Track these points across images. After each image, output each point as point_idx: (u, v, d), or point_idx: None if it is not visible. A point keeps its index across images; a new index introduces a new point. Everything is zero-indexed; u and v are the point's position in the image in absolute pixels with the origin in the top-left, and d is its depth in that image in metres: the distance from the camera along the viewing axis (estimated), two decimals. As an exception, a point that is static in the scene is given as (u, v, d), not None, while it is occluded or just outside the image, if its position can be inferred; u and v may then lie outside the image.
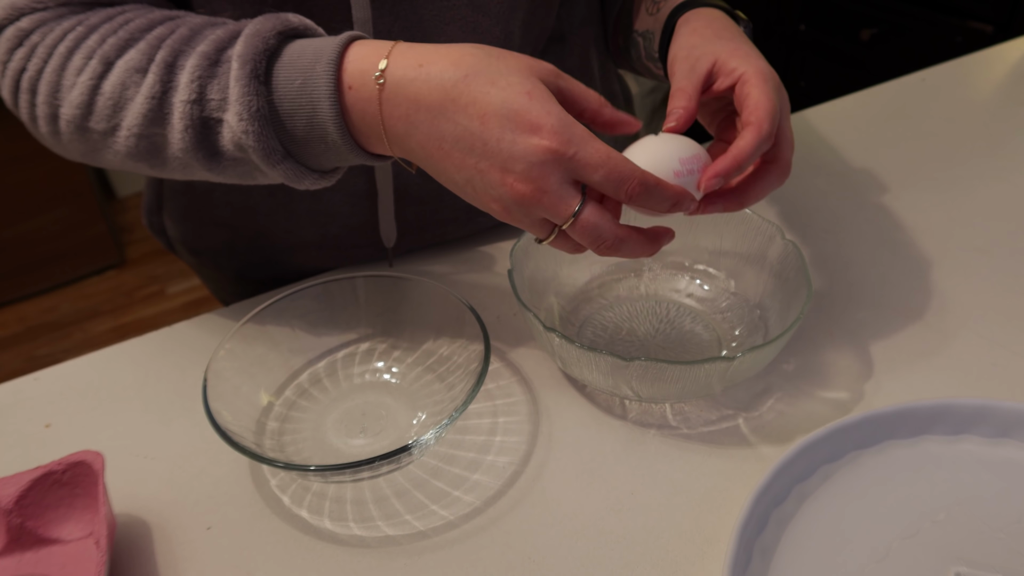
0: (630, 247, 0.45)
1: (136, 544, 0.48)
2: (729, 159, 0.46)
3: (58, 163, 1.92)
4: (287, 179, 0.47)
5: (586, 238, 0.44)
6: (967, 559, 0.43)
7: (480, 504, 0.48)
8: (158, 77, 0.45)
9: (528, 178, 0.41)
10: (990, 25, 1.43)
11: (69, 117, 0.48)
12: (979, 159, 0.77)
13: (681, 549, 0.45)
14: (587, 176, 0.42)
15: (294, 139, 0.46)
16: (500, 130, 0.41)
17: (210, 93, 0.45)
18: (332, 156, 0.47)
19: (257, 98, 0.44)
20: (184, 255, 0.77)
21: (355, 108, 0.44)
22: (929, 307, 0.60)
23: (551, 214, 0.43)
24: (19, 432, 0.55)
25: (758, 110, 0.47)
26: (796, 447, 0.47)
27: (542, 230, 0.44)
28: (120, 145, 0.48)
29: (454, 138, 0.42)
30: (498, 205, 0.43)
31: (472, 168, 0.42)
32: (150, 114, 0.46)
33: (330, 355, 0.58)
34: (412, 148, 0.44)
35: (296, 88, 0.44)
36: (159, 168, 0.49)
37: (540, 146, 0.41)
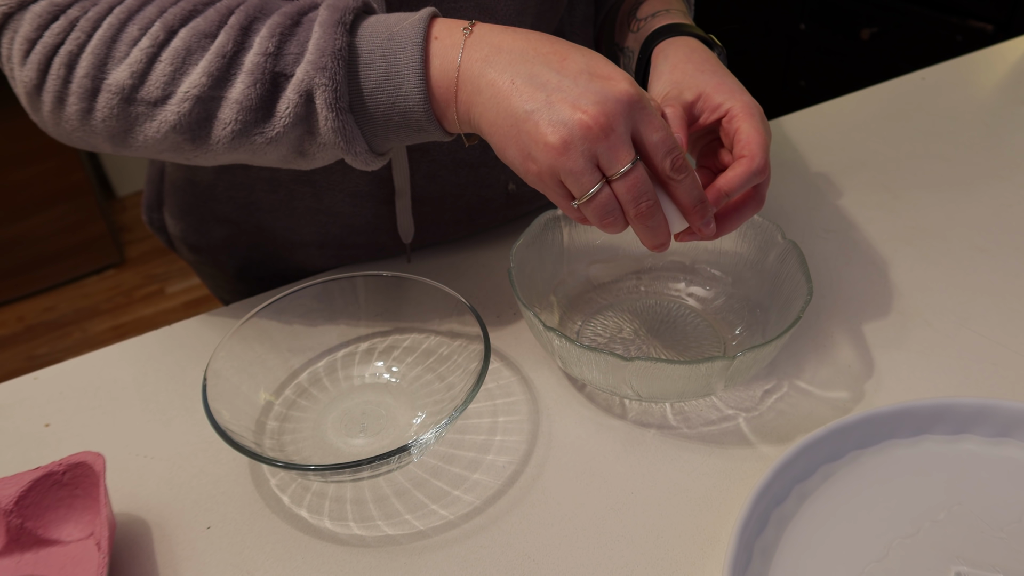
0: (656, 222, 0.45)
1: (136, 543, 0.47)
2: (716, 190, 0.48)
3: (58, 162, 1.91)
4: (341, 138, 0.46)
5: (632, 192, 0.44)
6: (967, 559, 0.43)
7: (480, 503, 0.48)
8: (230, 37, 0.45)
9: (602, 112, 0.42)
10: (990, 24, 1.43)
11: (116, 88, 0.45)
12: (979, 158, 0.77)
13: (681, 549, 0.45)
14: (648, 133, 0.43)
15: (364, 90, 0.46)
16: (577, 74, 0.43)
17: (288, 47, 0.45)
18: (394, 117, 0.46)
19: (342, 39, 0.44)
20: (184, 252, 0.77)
21: (436, 55, 0.45)
22: (929, 306, 0.60)
23: (612, 154, 0.42)
24: (18, 431, 0.55)
25: (751, 144, 0.48)
26: (796, 447, 0.47)
27: (588, 179, 0.43)
28: (169, 114, 0.46)
29: (528, 75, 0.43)
30: (560, 134, 0.42)
31: (542, 101, 0.42)
32: (216, 72, 0.45)
33: (330, 354, 0.58)
34: (481, 88, 0.44)
35: (383, 39, 0.45)
36: (199, 143, 0.48)
37: (616, 88, 0.42)
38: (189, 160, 0.50)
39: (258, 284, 0.75)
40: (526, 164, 0.44)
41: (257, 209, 0.67)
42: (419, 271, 0.66)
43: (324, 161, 0.50)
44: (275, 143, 0.47)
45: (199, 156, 0.49)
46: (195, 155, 0.49)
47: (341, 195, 0.64)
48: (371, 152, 0.48)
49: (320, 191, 0.64)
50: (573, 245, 0.61)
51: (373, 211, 0.65)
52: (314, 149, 0.48)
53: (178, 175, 0.70)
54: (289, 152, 0.48)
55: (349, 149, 0.47)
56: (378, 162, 0.49)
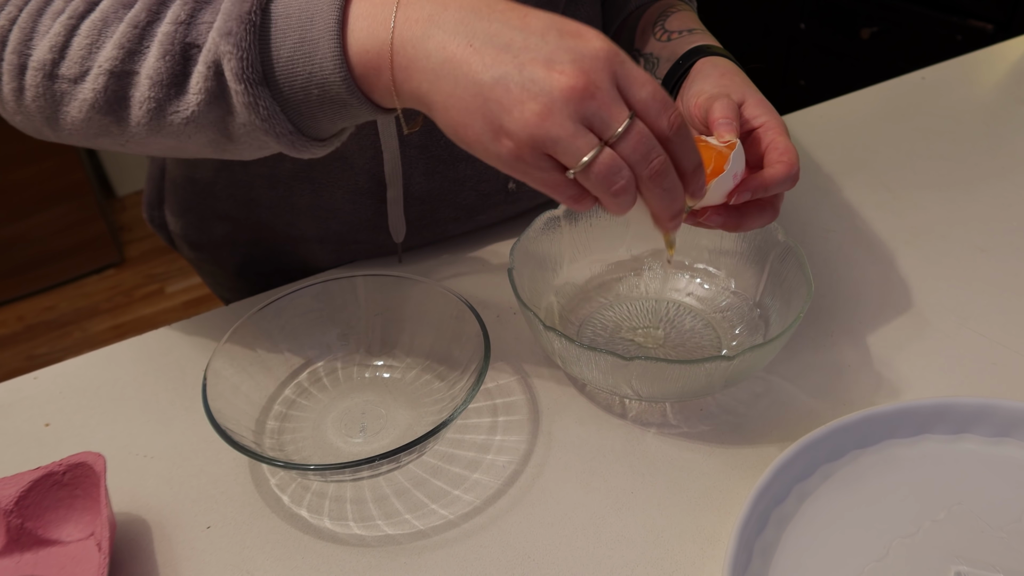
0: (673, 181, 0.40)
1: (135, 543, 0.47)
2: (759, 181, 0.48)
3: (57, 161, 1.91)
4: (257, 117, 0.41)
5: (639, 151, 0.38)
6: (967, 558, 0.43)
7: (480, 503, 0.48)
8: (145, 6, 0.41)
9: (580, 70, 0.36)
10: (990, 23, 1.43)
11: (39, 63, 0.42)
12: (979, 158, 0.77)
13: (681, 548, 0.45)
14: (635, 89, 0.38)
15: (277, 62, 0.40)
16: (544, 30, 0.37)
17: (202, 16, 0.40)
18: (313, 90, 0.40)
19: (252, 2, 0.39)
20: (184, 250, 0.77)
21: (361, 16, 0.39)
22: (929, 306, 0.60)
23: (604, 113, 0.37)
24: (18, 431, 0.55)
25: (788, 153, 0.49)
26: (796, 446, 0.47)
27: (583, 143, 0.37)
28: (87, 92, 0.42)
29: (487, 35, 0.37)
30: (539, 103, 0.36)
31: (509, 63, 0.36)
32: (128, 44, 0.41)
33: (330, 354, 0.58)
34: (428, 51, 0.38)
35: (301, 1, 0.40)
36: (122, 124, 0.44)
37: (591, 44, 0.37)
38: (124, 148, 0.46)
39: (258, 281, 0.75)
40: (498, 141, 0.38)
41: (257, 206, 0.67)
42: (418, 270, 0.66)
43: (255, 148, 0.44)
44: (195, 124, 0.42)
45: (129, 141, 0.45)
46: (124, 139, 0.45)
47: (340, 192, 0.64)
48: (301, 135, 0.42)
49: (319, 188, 0.64)
50: (573, 244, 0.61)
51: (372, 209, 0.65)
52: (237, 131, 0.42)
53: (178, 172, 0.70)
54: (216, 135, 0.43)
55: (270, 129, 0.41)
56: (318, 148, 0.44)
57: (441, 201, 0.66)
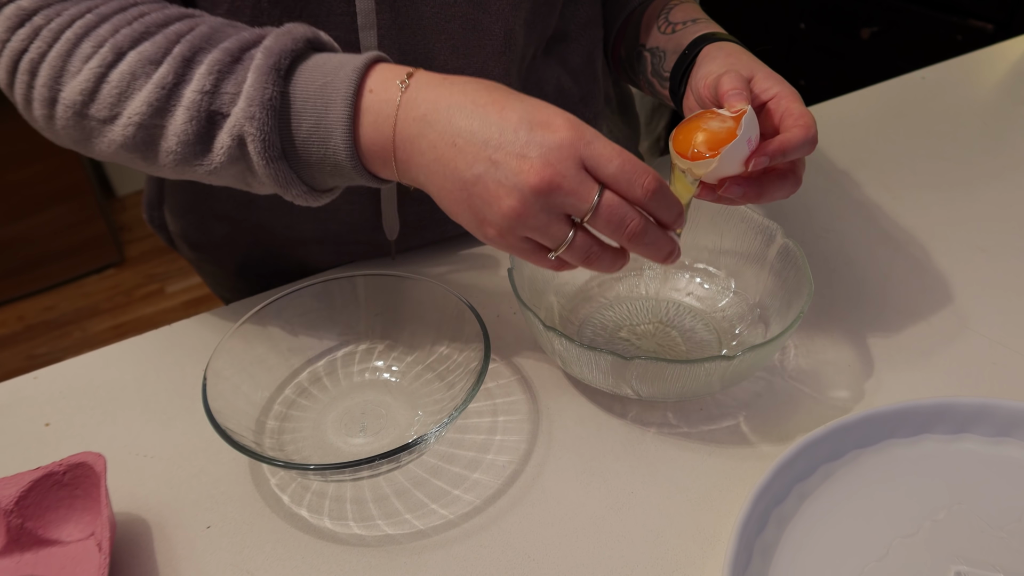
0: (656, 236, 0.44)
1: (135, 543, 0.47)
2: (778, 145, 0.47)
3: (57, 161, 1.91)
4: (276, 183, 0.46)
5: (612, 223, 0.42)
6: (967, 558, 0.43)
7: (480, 503, 0.48)
8: (172, 68, 0.45)
9: (547, 162, 0.41)
10: (990, 23, 1.43)
11: (69, 102, 0.47)
12: (980, 157, 0.77)
13: (681, 548, 0.45)
14: (602, 166, 0.41)
15: (295, 139, 0.45)
16: (518, 123, 0.42)
17: (225, 87, 0.45)
18: (327, 167, 0.46)
19: (273, 88, 0.44)
20: (184, 250, 0.77)
21: (370, 110, 0.44)
22: (929, 306, 0.60)
23: (573, 199, 0.41)
24: (18, 431, 0.55)
25: (804, 117, 0.49)
26: (796, 446, 0.47)
27: (558, 230, 0.42)
28: (116, 135, 0.47)
29: (470, 133, 0.42)
30: (514, 199, 0.41)
31: (486, 160, 0.41)
32: (156, 103, 0.46)
33: (330, 354, 0.58)
34: (422, 149, 0.43)
35: (316, 88, 0.45)
36: (150, 162, 0.49)
37: (556, 135, 0.41)
38: (150, 172, 0.51)
39: (258, 281, 0.75)
40: (483, 228, 0.43)
41: (257, 206, 0.67)
42: (418, 270, 0.66)
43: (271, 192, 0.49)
44: (217, 174, 0.48)
45: (156, 172, 0.50)
46: (152, 170, 0.50)
47: (341, 192, 0.64)
48: (313, 192, 0.48)
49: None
50: (573, 244, 0.61)
51: (371, 209, 0.65)
52: (256, 184, 0.48)
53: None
54: (235, 181, 0.49)
55: (286, 192, 0.47)
56: (324, 198, 0.49)
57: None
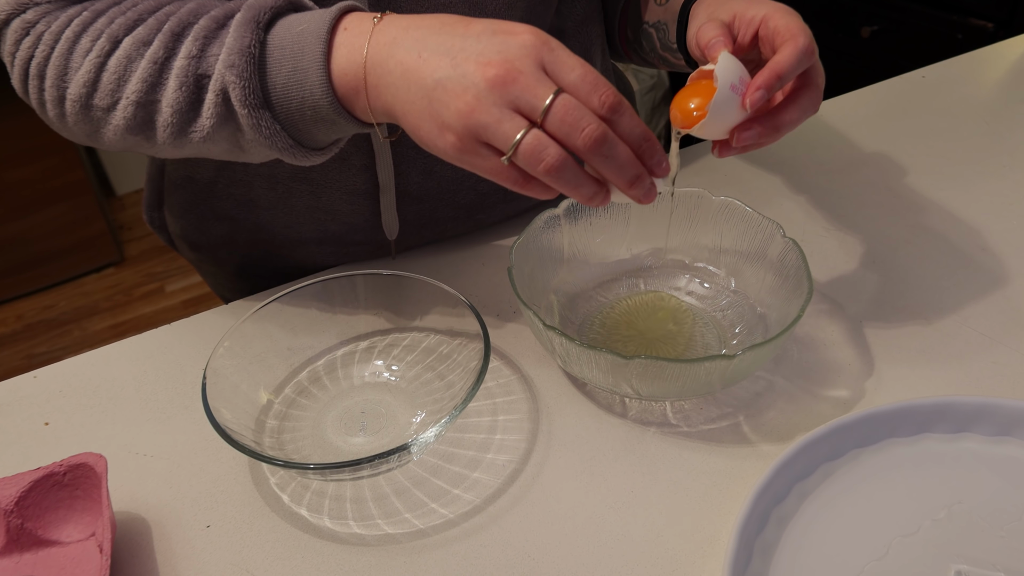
0: (616, 152, 0.42)
1: (135, 542, 0.47)
2: (768, 71, 0.46)
3: (57, 160, 1.91)
4: (260, 135, 0.46)
5: (567, 123, 0.40)
6: (968, 557, 0.43)
7: (480, 502, 0.48)
8: (162, 43, 0.47)
9: (504, 59, 0.40)
10: (991, 22, 1.43)
11: (75, 96, 0.49)
12: (980, 156, 0.77)
13: (681, 547, 0.45)
14: (563, 72, 0.41)
15: (275, 87, 0.46)
16: (480, 33, 0.42)
17: (211, 50, 0.46)
18: (307, 111, 0.46)
19: (251, 36, 0.45)
20: (184, 251, 0.77)
21: (343, 45, 0.45)
22: (930, 305, 0.60)
23: (527, 94, 0.40)
24: (18, 430, 0.55)
25: (790, 28, 0.47)
26: (796, 445, 0.47)
27: (510, 126, 0.40)
28: (119, 119, 0.49)
29: (435, 45, 0.42)
30: (469, 95, 0.40)
31: (448, 66, 0.41)
32: (150, 79, 0.47)
33: (329, 353, 0.58)
34: (390, 68, 0.43)
35: (293, 35, 0.45)
36: (152, 142, 0.50)
37: (519, 37, 0.41)
38: (157, 154, 0.53)
39: (258, 282, 0.75)
40: (443, 136, 0.42)
41: (256, 206, 0.67)
42: (418, 269, 0.66)
43: (264, 157, 0.50)
44: (211, 140, 0.49)
45: (160, 152, 0.52)
46: (156, 151, 0.52)
47: (338, 193, 0.64)
48: (301, 147, 0.48)
49: (318, 189, 0.64)
50: (573, 243, 0.61)
51: (370, 209, 0.65)
52: (247, 145, 0.49)
53: (178, 174, 0.70)
54: (230, 147, 0.50)
55: (273, 144, 0.47)
56: (316, 156, 0.49)
57: (439, 200, 0.66)
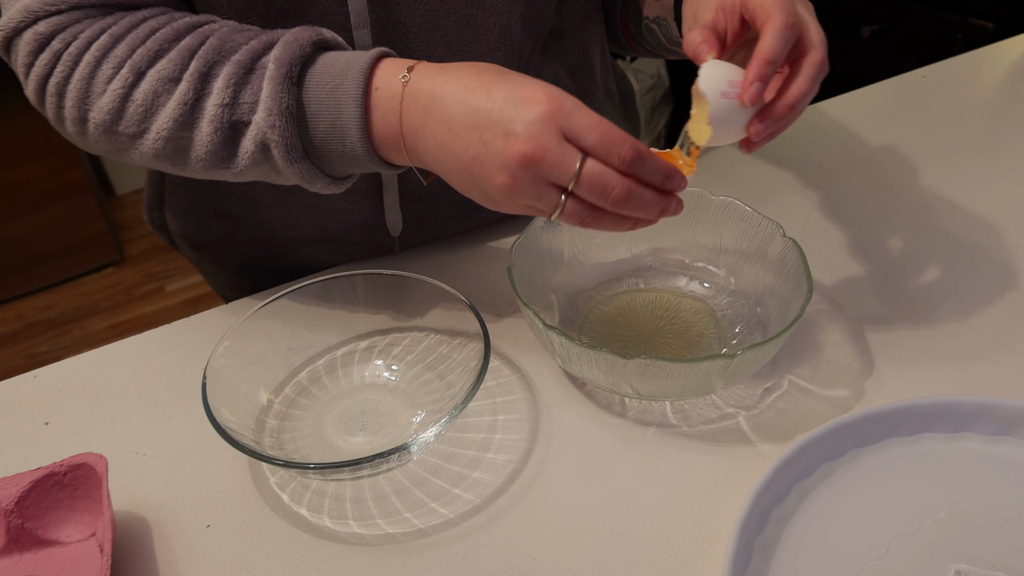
0: (643, 200, 0.45)
1: (135, 542, 0.47)
2: (755, 62, 0.46)
3: (57, 160, 1.91)
4: (301, 179, 0.50)
5: (595, 191, 0.44)
6: (967, 556, 0.43)
7: (480, 502, 0.48)
8: (191, 85, 0.48)
9: (529, 137, 0.43)
10: (991, 22, 1.43)
11: (99, 121, 0.50)
12: (980, 156, 0.77)
13: (681, 547, 0.45)
14: (582, 137, 0.43)
15: (314, 140, 0.49)
16: (503, 101, 0.44)
17: (243, 97, 0.48)
18: (347, 160, 0.49)
19: (288, 96, 0.47)
20: (185, 250, 0.77)
21: (378, 107, 0.47)
22: (929, 304, 0.60)
23: (556, 170, 0.43)
24: (18, 430, 0.55)
25: (765, 7, 0.47)
26: (796, 445, 0.47)
27: (550, 198, 0.45)
28: (147, 147, 0.50)
29: (462, 118, 0.45)
30: (505, 176, 0.44)
31: (478, 142, 0.44)
32: (181, 119, 0.49)
33: (329, 353, 0.58)
34: (425, 137, 0.46)
35: (327, 91, 0.48)
36: (182, 167, 0.52)
37: (538, 108, 0.43)
38: (183, 175, 0.54)
39: (259, 281, 0.75)
40: (493, 203, 0.47)
41: (257, 204, 0.67)
42: (418, 269, 0.66)
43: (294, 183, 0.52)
44: (243, 175, 0.51)
45: (189, 174, 0.53)
46: (184, 173, 0.53)
47: (340, 192, 0.64)
48: (335, 181, 0.52)
49: (319, 189, 0.64)
50: (573, 244, 0.61)
51: (370, 208, 0.65)
52: (281, 179, 0.51)
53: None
54: (261, 176, 0.52)
55: (311, 185, 0.50)
56: (347, 184, 0.53)
57: (440, 199, 0.66)
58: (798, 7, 0.49)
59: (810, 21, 0.49)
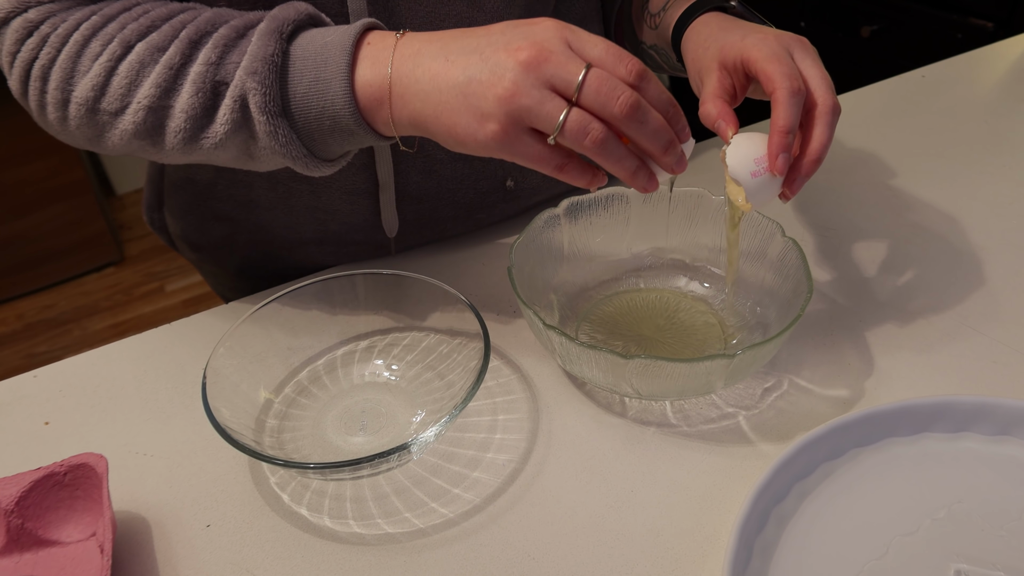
0: (650, 119, 0.43)
1: (135, 542, 0.47)
2: (775, 135, 0.47)
3: (57, 160, 1.91)
4: (275, 142, 0.47)
5: (602, 95, 0.42)
6: (967, 556, 0.43)
7: (480, 502, 0.48)
8: (179, 50, 0.47)
9: (533, 43, 0.42)
10: (990, 22, 1.43)
11: (81, 100, 0.48)
12: (979, 156, 0.77)
13: (681, 547, 0.45)
14: (588, 49, 0.43)
15: (295, 96, 0.47)
16: (504, 27, 0.44)
17: (230, 57, 0.47)
18: (325, 120, 0.47)
19: (275, 46, 0.46)
20: (185, 251, 0.77)
21: (367, 57, 0.46)
22: (929, 304, 0.60)
23: (561, 71, 0.42)
24: (18, 430, 0.55)
25: (768, 76, 0.48)
26: (796, 445, 0.47)
27: (553, 106, 0.42)
28: (127, 123, 0.48)
29: (460, 47, 0.44)
30: (506, 82, 0.42)
31: (477, 62, 0.43)
32: (164, 84, 0.47)
33: (329, 352, 0.58)
34: (416, 78, 0.45)
35: (317, 47, 0.46)
36: (159, 147, 0.50)
37: (540, 25, 0.43)
38: (160, 160, 0.52)
39: (259, 282, 0.75)
40: (484, 127, 0.43)
41: (256, 207, 0.67)
42: (418, 269, 0.66)
43: (273, 165, 0.50)
44: (222, 147, 0.49)
45: (164, 157, 0.51)
46: (160, 156, 0.51)
47: (338, 192, 0.64)
48: (314, 157, 0.49)
49: (317, 188, 0.64)
50: (573, 243, 0.61)
51: (370, 208, 0.65)
52: (259, 153, 0.49)
53: (178, 175, 0.70)
54: (238, 154, 0.50)
55: (287, 153, 0.48)
56: (327, 167, 0.50)
57: (439, 200, 0.66)
58: (796, 55, 0.50)
59: (811, 70, 0.50)
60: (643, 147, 0.45)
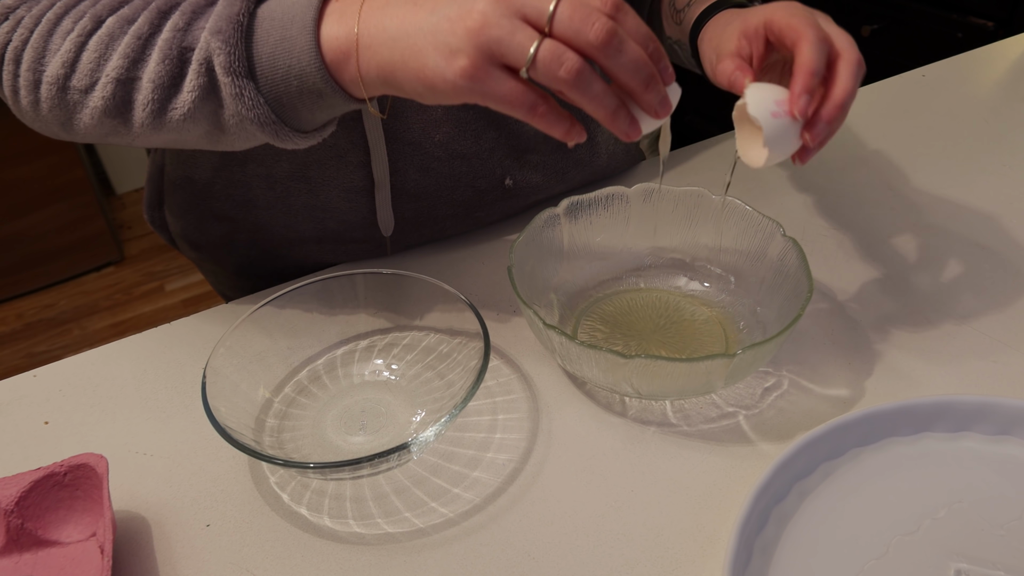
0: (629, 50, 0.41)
1: (135, 541, 0.47)
2: (799, 77, 0.46)
3: (57, 159, 1.91)
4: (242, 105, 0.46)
5: (575, 23, 0.39)
6: (968, 556, 0.43)
7: (480, 501, 0.48)
8: (148, 20, 0.46)
9: None
10: (991, 21, 1.43)
11: (52, 79, 0.47)
12: (980, 155, 0.77)
13: (681, 547, 0.45)
14: None
15: (261, 56, 0.45)
16: None
17: (198, 23, 0.46)
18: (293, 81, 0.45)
19: (241, 5, 0.45)
20: (185, 250, 0.77)
21: (334, 11, 0.45)
22: (930, 304, 0.60)
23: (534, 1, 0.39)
24: (17, 429, 0.55)
25: (793, 26, 0.47)
26: (797, 444, 0.47)
27: (525, 36, 0.40)
28: (96, 100, 0.47)
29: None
30: (475, 15, 0.39)
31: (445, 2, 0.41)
32: (132, 54, 0.46)
33: (329, 352, 0.58)
34: (384, 26, 0.43)
35: (283, 8, 0.45)
36: (130, 125, 0.49)
37: None
38: (133, 144, 0.51)
39: (259, 281, 0.75)
40: (453, 64, 0.40)
41: (254, 206, 0.67)
42: (418, 268, 0.66)
43: (245, 139, 0.48)
44: (191, 119, 0.47)
45: (137, 139, 0.50)
46: (131, 137, 0.50)
47: (335, 190, 0.64)
48: (284, 124, 0.47)
49: (315, 187, 0.64)
50: (573, 242, 0.61)
51: (368, 206, 0.65)
52: (228, 121, 0.47)
53: (177, 173, 0.70)
54: (210, 127, 0.48)
55: (255, 118, 0.46)
56: (301, 139, 0.48)
57: (437, 198, 0.66)
58: (820, 20, 0.50)
59: (835, 30, 0.50)
60: (622, 82, 0.42)
